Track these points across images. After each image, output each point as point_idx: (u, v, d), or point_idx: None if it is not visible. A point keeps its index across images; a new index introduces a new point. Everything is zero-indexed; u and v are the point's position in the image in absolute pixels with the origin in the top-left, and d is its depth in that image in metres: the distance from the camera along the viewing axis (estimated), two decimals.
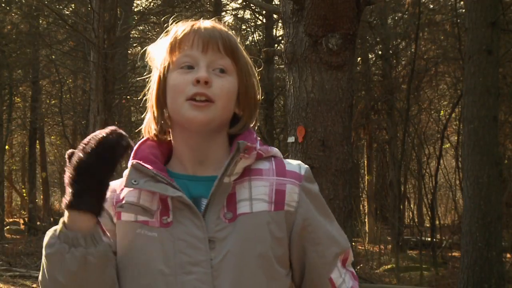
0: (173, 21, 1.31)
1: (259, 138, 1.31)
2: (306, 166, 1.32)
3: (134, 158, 1.26)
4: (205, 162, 1.27)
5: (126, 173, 1.30)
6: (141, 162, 1.23)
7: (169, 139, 1.32)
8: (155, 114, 1.29)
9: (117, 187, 1.29)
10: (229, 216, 1.21)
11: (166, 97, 1.26)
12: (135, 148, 1.29)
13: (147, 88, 1.33)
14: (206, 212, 1.21)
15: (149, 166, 1.23)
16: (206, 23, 1.28)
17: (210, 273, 1.17)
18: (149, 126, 1.32)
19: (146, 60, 1.33)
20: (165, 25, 1.32)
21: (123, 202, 1.25)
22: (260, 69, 1.38)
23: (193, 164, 1.28)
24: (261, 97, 1.39)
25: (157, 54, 1.31)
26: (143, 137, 1.33)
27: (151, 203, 1.23)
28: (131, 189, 1.25)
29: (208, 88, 1.22)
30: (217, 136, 1.27)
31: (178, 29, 1.28)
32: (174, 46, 1.26)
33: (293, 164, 1.31)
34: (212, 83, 1.22)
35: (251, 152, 1.24)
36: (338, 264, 1.29)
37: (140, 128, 1.35)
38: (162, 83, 1.28)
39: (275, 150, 1.32)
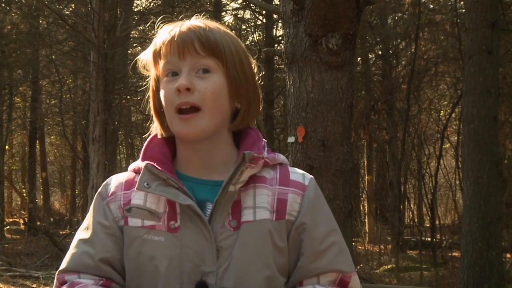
0: (160, 23, 1.30)
1: (265, 141, 1.30)
2: (311, 176, 1.31)
3: (144, 157, 1.27)
4: (209, 165, 1.27)
5: (131, 167, 1.30)
6: (154, 164, 1.23)
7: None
8: (157, 123, 1.30)
9: (123, 183, 1.28)
10: (233, 224, 1.21)
11: (163, 107, 1.26)
12: (144, 145, 1.29)
13: (146, 96, 1.33)
14: (212, 220, 1.20)
15: (161, 169, 1.22)
16: (183, 26, 1.25)
17: (214, 284, 1.18)
18: (155, 130, 1.33)
19: (138, 70, 1.33)
20: (158, 27, 1.31)
21: (130, 205, 1.25)
22: (257, 66, 1.35)
23: (197, 167, 1.27)
24: (261, 83, 1.37)
25: (147, 63, 1.31)
26: (150, 134, 1.33)
27: (158, 205, 1.23)
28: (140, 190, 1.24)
29: (191, 94, 1.21)
30: (218, 136, 1.27)
31: (160, 36, 1.27)
32: (157, 56, 1.26)
33: (298, 173, 1.30)
34: (195, 88, 1.21)
35: (258, 162, 1.24)
36: (322, 282, 1.23)
37: (145, 135, 1.36)
38: (156, 93, 1.29)
39: (282, 158, 1.31)
